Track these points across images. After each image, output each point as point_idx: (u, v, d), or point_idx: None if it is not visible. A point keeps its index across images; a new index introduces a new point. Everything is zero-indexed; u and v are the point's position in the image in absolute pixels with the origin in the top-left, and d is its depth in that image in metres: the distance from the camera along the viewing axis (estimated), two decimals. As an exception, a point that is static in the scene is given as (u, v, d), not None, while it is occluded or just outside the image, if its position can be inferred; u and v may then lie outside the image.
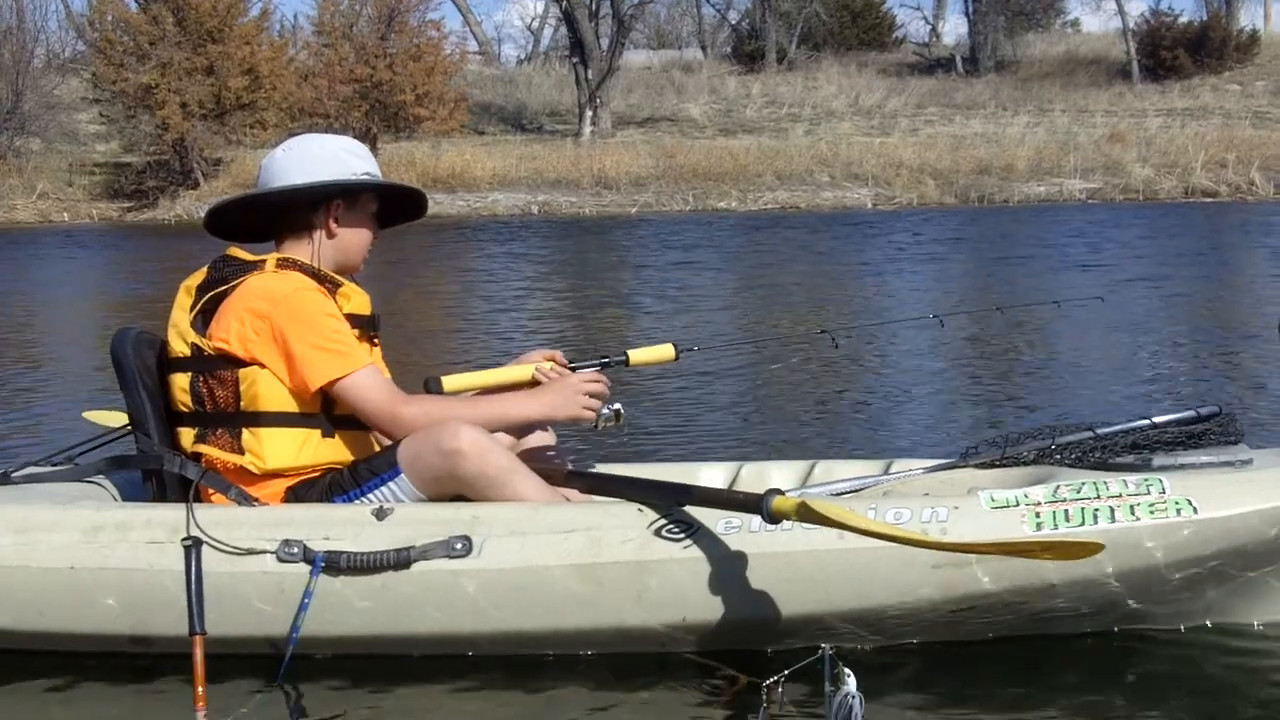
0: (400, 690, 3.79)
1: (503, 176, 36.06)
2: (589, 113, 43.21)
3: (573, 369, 4.32)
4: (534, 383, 4.27)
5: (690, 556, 3.71)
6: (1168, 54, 48.17)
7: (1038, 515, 3.68)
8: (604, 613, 3.75)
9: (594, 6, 46.92)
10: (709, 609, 3.71)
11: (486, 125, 44.64)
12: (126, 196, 36.99)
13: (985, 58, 51.69)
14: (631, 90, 47.78)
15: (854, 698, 2.81)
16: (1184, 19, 51.39)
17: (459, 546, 3.74)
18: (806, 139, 40.33)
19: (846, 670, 2.84)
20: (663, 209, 33.95)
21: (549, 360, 4.32)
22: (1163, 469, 3.92)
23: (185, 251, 22.63)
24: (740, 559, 3.69)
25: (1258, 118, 41.81)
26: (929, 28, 61.81)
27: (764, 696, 2.84)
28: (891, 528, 3.56)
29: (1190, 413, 4.27)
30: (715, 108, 46.87)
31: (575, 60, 45.29)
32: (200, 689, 3.44)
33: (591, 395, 4.13)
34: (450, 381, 4.25)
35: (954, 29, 70.22)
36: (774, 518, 3.59)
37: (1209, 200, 32.56)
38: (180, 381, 4.05)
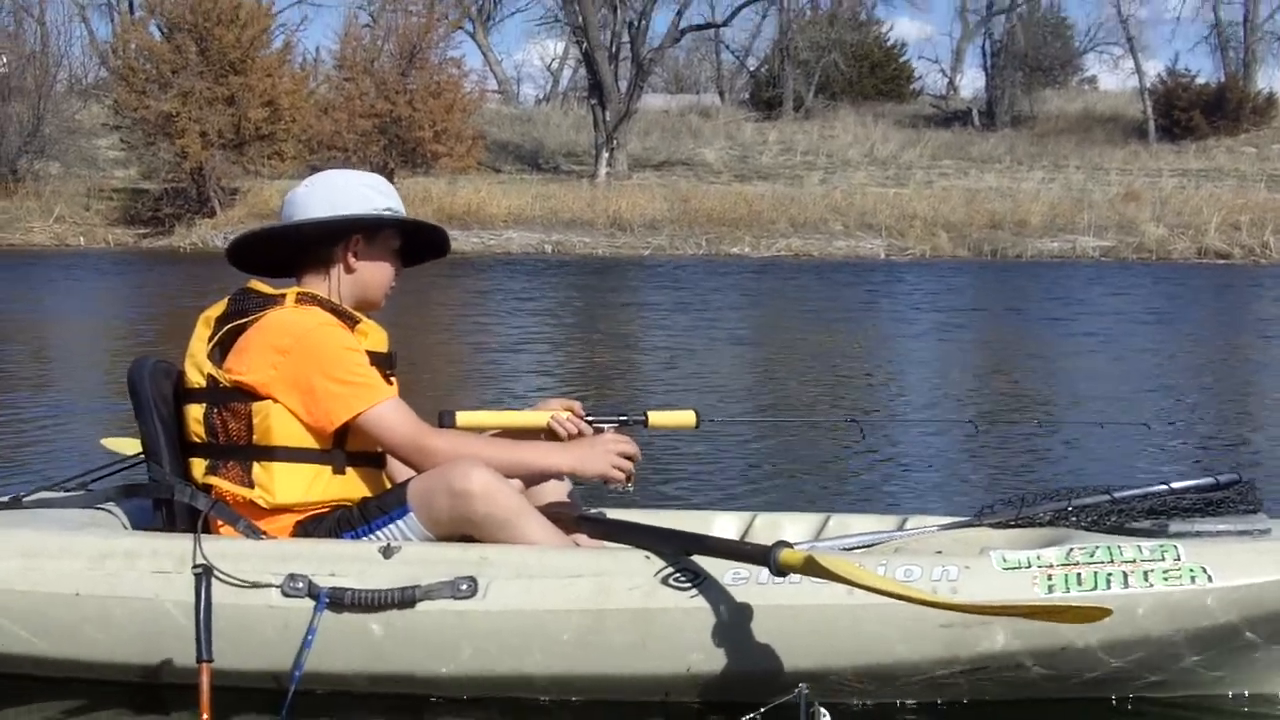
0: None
1: (518, 215, 36.11)
2: (605, 154, 43.32)
3: (590, 422, 4.30)
4: (549, 431, 4.26)
5: (696, 606, 3.69)
6: (1184, 114, 48.27)
7: (1050, 578, 3.64)
8: (608, 659, 3.73)
9: (614, 49, 47.12)
10: (713, 659, 3.69)
11: (503, 163, 44.75)
12: (143, 223, 37.09)
13: (1002, 112, 51.81)
14: (648, 133, 47.91)
15: None
16: (1201, 80, 51.52)
17: (464, 587, 3.73)
18: (821, 187, 40.37)
19: (823, 710, 2.81)
20: (676, 252, 33.97)
21: (566, 410, 4.31)
22: (1179, 535, 3.87)
23: (200, 279, 22.70)
24: (746, 610, 3.67)
25: (1273, 180, 41.80)
26: (946, 80, 62.03)
27: None
28: (899, 585, 3.53)
29: (1209, 479, 4.23)
30: (731, 153, 46.97)
31: (593, 102, 45.45)
32: (206, 716, 3.42)
33: (624, 456, 4.11)
34: (464, 418, 4.24)
35: (971, 82, 70.53)
36: (781, 570, 3.56)
37: (1222, 262, 32.52)
38: (195, 412, 4.04)
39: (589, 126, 46.12)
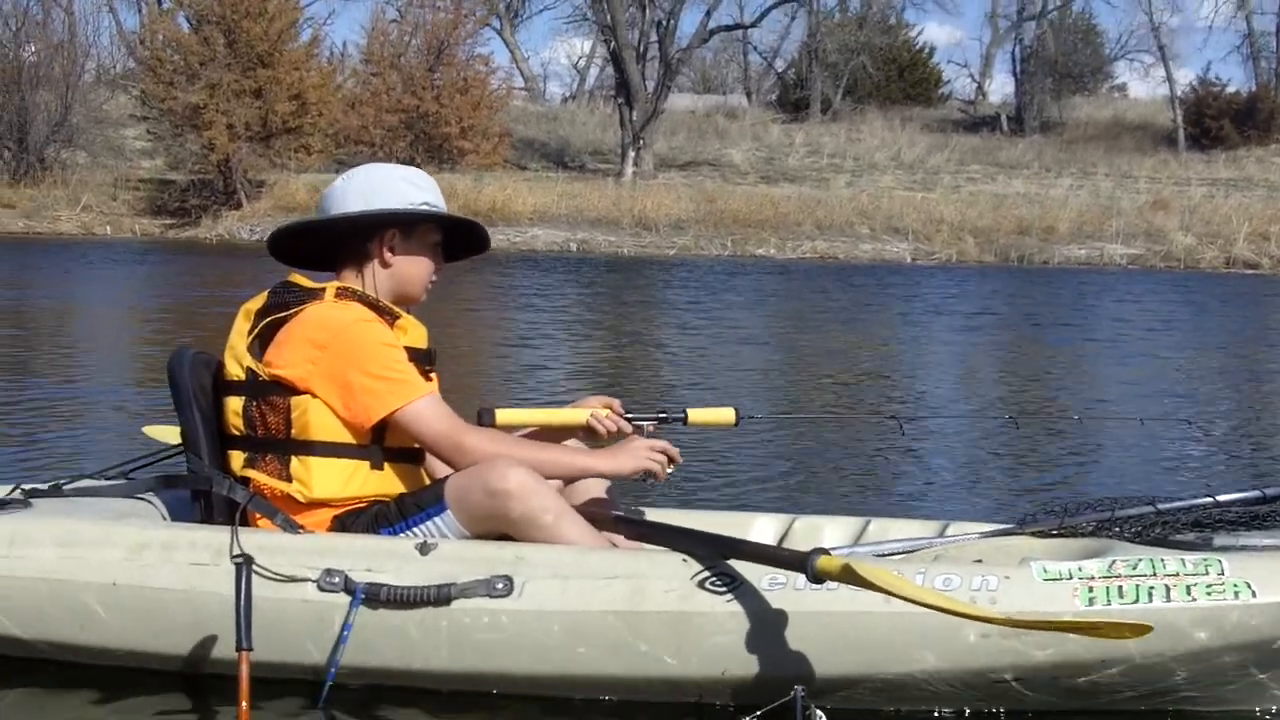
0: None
1: (543, 212, 36.14)
2: (632, 153, 43.33)
3: (629, 419, 4.30)
4: (588, 428, 4.25)
5: (732, 610, 3.66)
6: (1214, 123, 48.15)
7: (1090, 590, 3.59)
8: (642, 661, 3.72)
9: (641, 48, 47.12)
10: (748, 664, 3.67)
11: (529, 161, 44.78)
12: (169, 214, 37.22)
13: (1031, 118, 51.71)
14: (675, 133, 47.89)
15: None
16: (1232, 89, 51.34)
17: (500, 586, 3.72)
18: (848, 190, 40.35)
19: (819, 711, 2.80)
20: (701, 252, 33.97)
21: (605, 407, 4.30)
22: (1224, 549, 3.82)
23: (226, 271, 22.79)
24: (782, 616, 3.64)
25: (1303, 191, 41.66)
26: (975, 85, 61.94)
27: None
28: (937, 595, 3.49)
29: (1255, 493, 4.21)
30: (758, 155, 46.95)
31: (620, 101, 45.47)
32: (244, 704, 3.42)
33: (664, 453, 4.11)
34: (503, 415, 4.23)
35: (1000, 88, 70.54)
36: (818, 577, 3.53)
37: (1250, 272, 32.42)
38: (234, 405, 4.05)
39: (615, 125, 46.12)
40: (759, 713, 2.89)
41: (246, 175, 36.95)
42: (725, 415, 4.57)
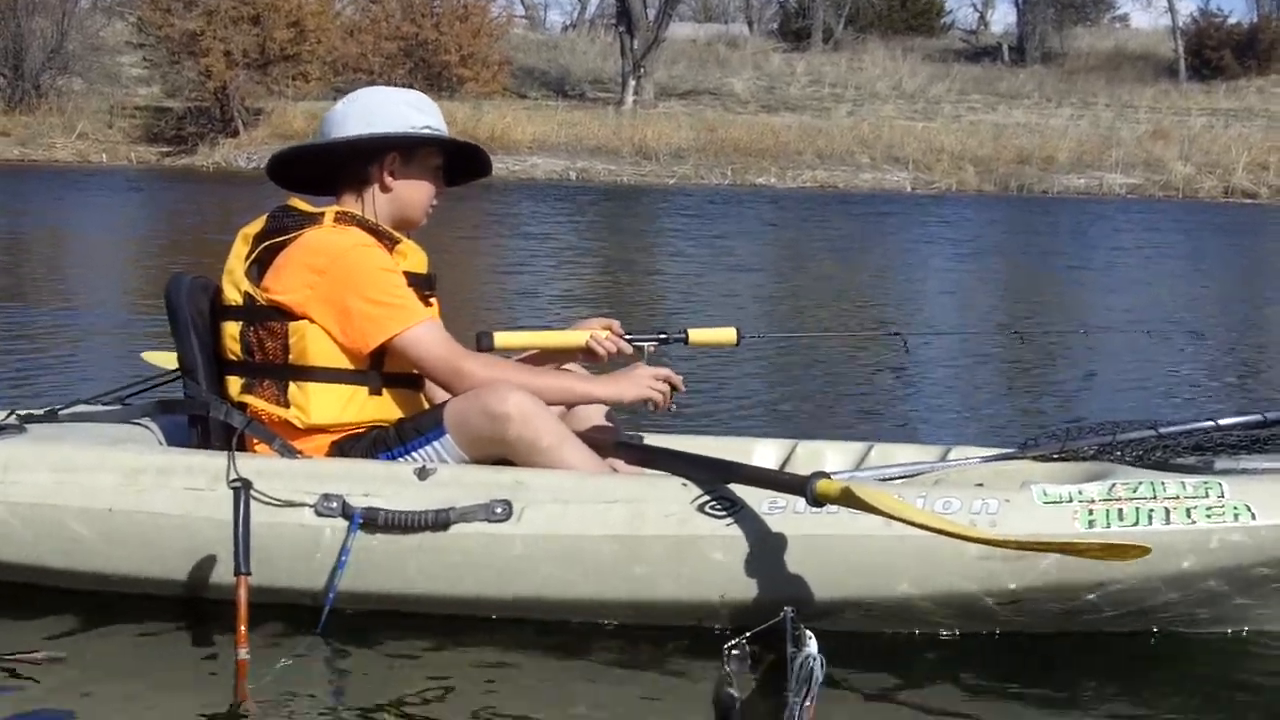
0: (442, 647, 3.78)
1: (543, 141, 35.96)
2: (632, 82, 43.04)
3: (629, 339, 4.28)
4: (587, 349, 4.23)
5: (731, 534, 3.66)
6: (1215, 54, 47.83)
7: (1090, 513, 3.60)
8: (641, 585, 3.72)
9: (642, -24, 46.75)
10: (747, 588, 3.67)
11: (529, 89, 44.53)
12: (166, 141, 37.03)
13: (1032, 48, 51.38)
14: (675, 62, 47.58)
15: (814, 659, 2.77)
16: (1233, 20, 51.03)
17: (499, 510, 3.71)
18: (848, 120, 40.13)
19: (808, 632, 2.80)
20: (701, 182, 33.83)
21: (605, 329, 4.27)
22: (1224, 473, 3.83)
23: (223, 198, 22.73)
24: (782, 540, 3.64)
25: (1303, 122, 41.46)
26: (977, 15, 61.57)
27: (724, 659, 2.80)
28: (936, 518, 3.49)
29: (1256, 416, 4.20)
30: (758, 84, 46.67)
31: (621, 29, 45.10)
32: (242, 628, 3.41)
33: (666, 381, 4.08)
34: (502, 338, 4.22)
35: (1002, 18, 70.23)
36: (818, 500, 3.53)
37: (1249, 201, 32.33)
38: (231, 330, 4.02)
39: (615, 54, 45.79)
40: (748, 634, 2.88)
41: (244, 103, 36.71)
42: (727, 335, 4.56)
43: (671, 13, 45.87)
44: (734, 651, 2.79)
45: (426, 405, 4.09)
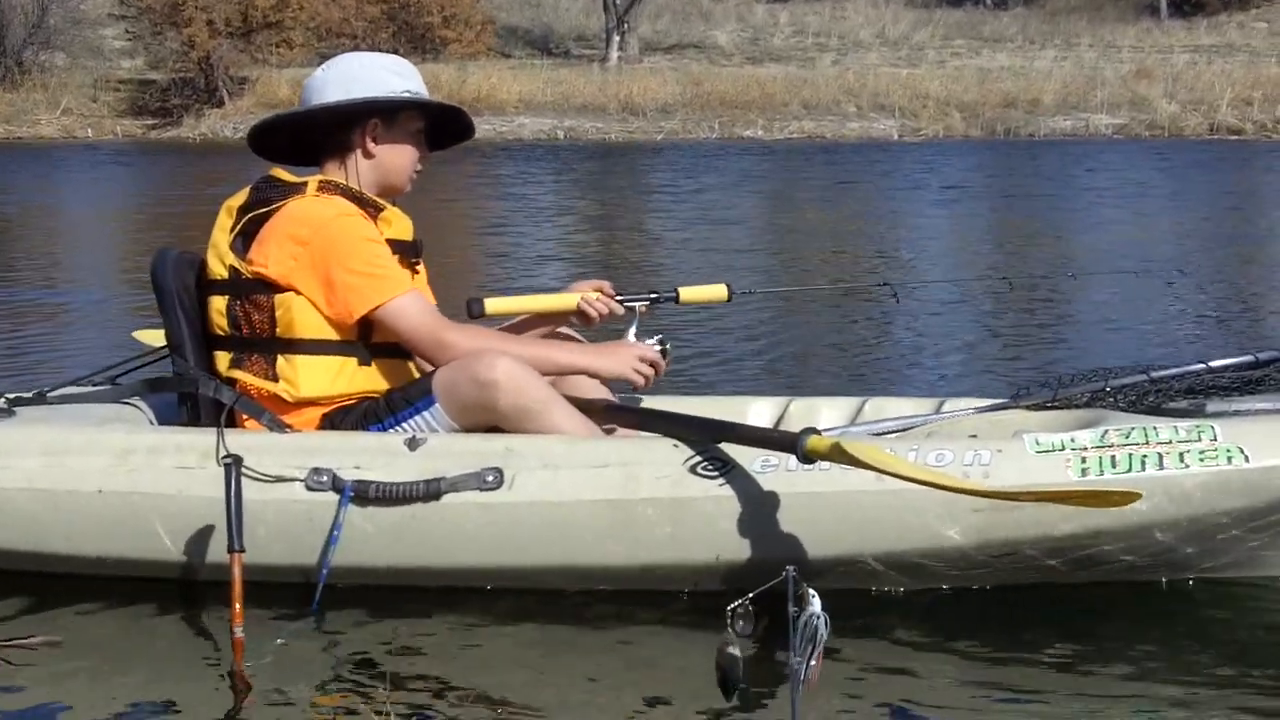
0: (438, 620, 3.78)
1: (529, 101, 35.83)
2: (616, 38, 42.84)
3: (620, 301, 4.26)
4: (579, 311, 4.22)
5: (724, 494, 3.65)
6: (1195, -10, 47.72)
7: (1084, 460, 3.58)
8: (636, 549, 3.71)
9: (623, -70, 46.50)
10: (742, 548, 3.66)
11: (513, 49, 44.32)
12: (151, 114, 36.85)
13: (1015, -10, 51.21)
14: (659, 16, 47.38)
15: (818, 618, 2.75)
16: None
17: (490, 479, 3.69)
18: (833, 69, 39.96)
19: (811, 591, 2.78)
20: (689, 136, 33.72)
21: (596, 290, 4.25)
22: (1216, 415, 3.81)
23: (210, 170, 22.63)
24: (775, 498, 3.63)
25: (1285, 56, 41.35)
26: (960, -42, 61.26)
27: (728, 620, 2.79)
28: (928, 471, 3.48)
29: (1248, 357, 4.18)
30: (743, 35, 46.49)
31: (603, -16, 44.92)
32: (237, 606, 3.39)
33: (650, 364, 4.07)
34: (493, 304, 4.20)
35: (984, -40, 69.58)
36: (808, 457, 3.51)
37: (1235, 138, 32.25)
38: (218, 304, 4.00)
39: (599, 10, 45.53)
40: (750, 595, 2.86)
41: (228, 72, 36.52)
42: (717, 292, 4.55)
43: (654, -34, 45.67)
44: (737, 611, 2.78)
45: (417, 375, 4.07)
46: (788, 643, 2.73)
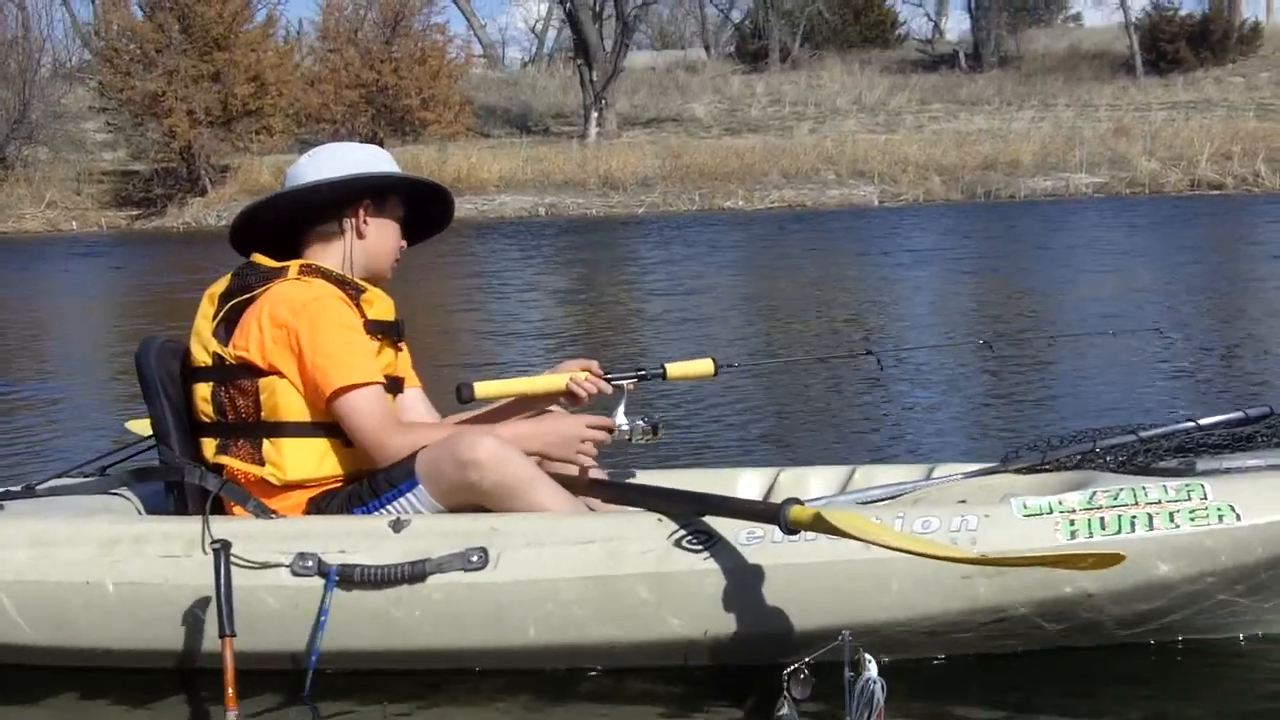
0: (433, 704, 3.75)
1: (509, 179, 35.99)
2: (594, 114, 43.09)
3: (608, 380, 4.26)
4: (568, 392, 4.22)
5: (710, 568, 3.61)
6: (1170, 47, 48.01)
7: (1072, 523, 3.55)
8: (623, 626, 3.67)
9: (598, 8, 46.78)
10: (729, 622, 3.62)
11: (492, 128, 44.56)
12: (135, 204, 36.99)
13: (988, 53, 51.52)
14: (636, 91, 47.67)
15: (875, 683, 2.75)
16: (1185, 11, 51.24)
17: (475, 559, 3.66)
18: (811, 137, 40.21)
19: (867, 656, 2.77)
20: (669, 209, 33.86)
21: (585, 370, 4.25)
22: (1206, 473, 3.78)
23: (194, 258, 22.67)
24: (761, 571, 3.59)
25: (1262, 109, 41.58)
26: (932, 24, 61.76)
27: (785, 684, 2.78)
28: (909, 539, 3.43)
29: (1238, 414, 4.18)
30: (720, 107, 46.78)
31: (579, 62, 45.18)
32: (230, 690, 3.38)
33: (594, 443, 4.06)
34: (482, 388, 4.19)
35: (956, 25, 70.42)
36: (791, 528, 3.48)
37: (1215, 193, 32.44)
38: (202, 391, 4.00)
39: (576, 87, 45.86)
40: (808, 660, 2.85)
41: (209, 161, 36.70)
42: (703, 367, 4.57)
43: (629, 42, 45.99)
44: (794, 676, 2.77)
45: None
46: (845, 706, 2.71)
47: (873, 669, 2.75)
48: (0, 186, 37.58)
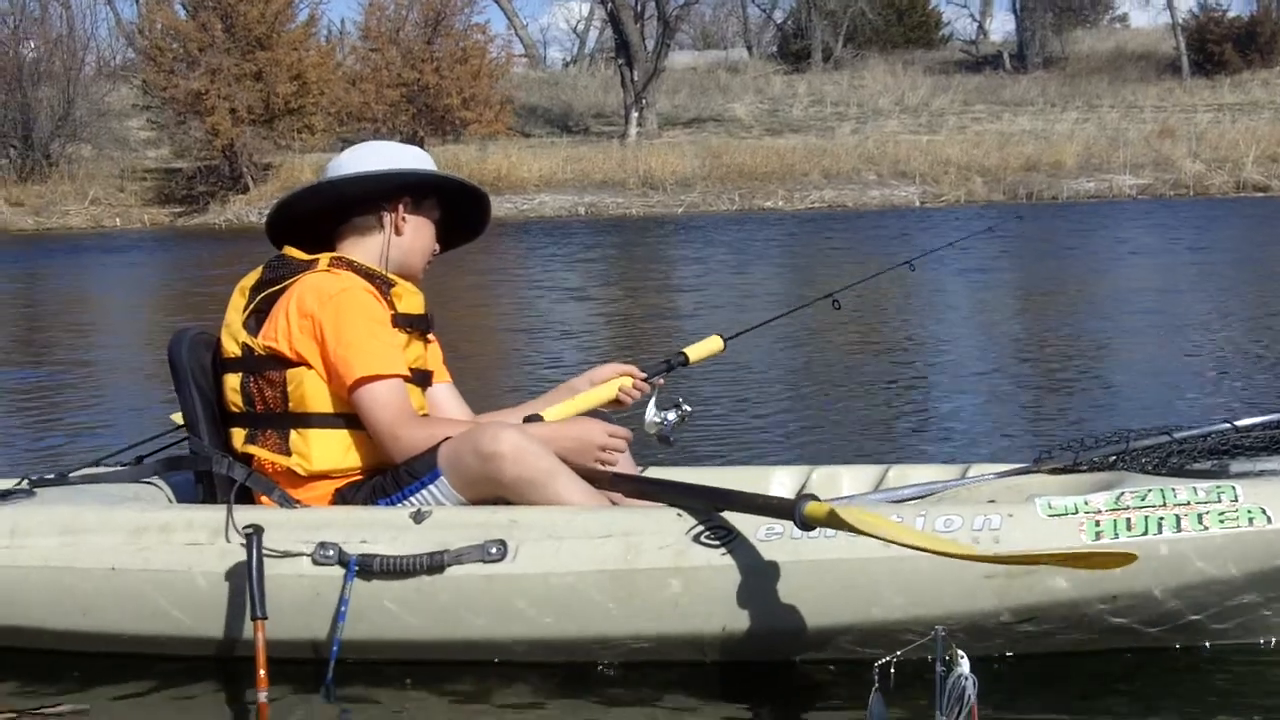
0: (451, 695, 3.77)
1: (549, 178, 36.05)
2: (635, 114, 43.14)
3: (646, 379, 4.40)
4: (616, 400, 4.35)
5: (728, 564, 3.60)
6: (1216, 49, 47.80)
7: (1098, 524, 3.50)
8: (639, 620, 3.67)
9: (639, 8, 46.84)
10: (747, 617, 3.61)
11: (533, 128, 44.64)
12: (177, 202, 37.22)
13: (1033, 54, 51.38)
14: (677, 91, 47.68)
15: (967, 679, 2.73)
16: (1233, 13, 50.99)
17: (494, 551, 3.67)
18: (853, 138, 40.14)
19: (960, 652, 2.75)
20: (709, 209, 33.85)
21: (625, 374, 4.37)
22: (1240, 476, 3.72)
23: (236, 255, 22.75)
24: (779, 567, 3.58)
25: (1309, 112, 41.38)
26: (976, 25, 61.57)
27: (876, 677, 2.77)
28: (926, 536, 3.40)
29: (1277, 415, 4.11)
30: (761, 107, 46.74)
31: (621, 62, 45.22)
32: (262, 672, 3.39)
33: (614, 450, 4.09)
34: (550, 414, 4.28)
35: (1001, 26, 70.16)
36: (806, 524, 3.45)
37: (1261, 195, 32.24)
38: (232, 382, 4.03)
39: (617, 87, 45.91)
40: (899, 653, 2.84)
41: (251, 159, 36.91)
42: (713, 344, 4.81)
43: (670, 42, 46.03)
44: (887, 671, 2.76)
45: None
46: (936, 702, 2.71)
47: (965, 665, 2.73)
48: (45, 183, 37.88)
